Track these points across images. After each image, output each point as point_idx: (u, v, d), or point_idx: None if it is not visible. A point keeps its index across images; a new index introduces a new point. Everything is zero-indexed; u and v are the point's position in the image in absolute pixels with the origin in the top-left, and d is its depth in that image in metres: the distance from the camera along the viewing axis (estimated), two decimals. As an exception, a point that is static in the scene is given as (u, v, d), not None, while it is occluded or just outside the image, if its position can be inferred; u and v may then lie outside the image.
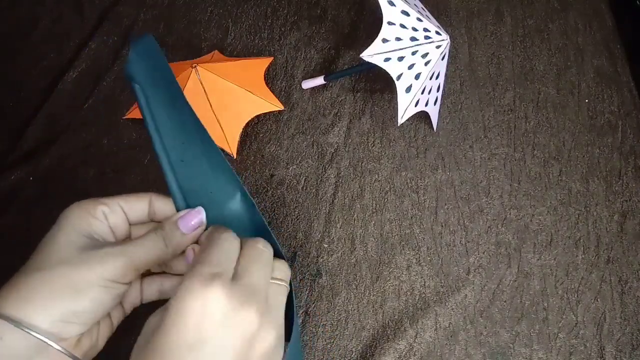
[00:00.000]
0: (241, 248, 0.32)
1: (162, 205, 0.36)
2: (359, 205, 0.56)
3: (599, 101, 0.63)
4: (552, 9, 0.71)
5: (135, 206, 0.35)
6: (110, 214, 0.34)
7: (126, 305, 0.37)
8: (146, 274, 0.38)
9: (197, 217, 0.34)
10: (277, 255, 0.35)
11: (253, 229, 0.36)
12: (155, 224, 0.36)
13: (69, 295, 0.29)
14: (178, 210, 0.36)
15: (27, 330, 0.28)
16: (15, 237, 0.53)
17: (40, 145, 0.59)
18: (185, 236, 0.34)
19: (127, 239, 0.36)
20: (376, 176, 0.58)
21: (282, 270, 0.34)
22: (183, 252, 0.36)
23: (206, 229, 0.36)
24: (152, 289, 0.37)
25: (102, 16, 0.69)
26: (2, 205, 0.55)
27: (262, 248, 0.33)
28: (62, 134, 0.60)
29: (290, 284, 0.34)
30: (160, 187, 0.55)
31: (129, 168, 0.58)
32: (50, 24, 0.69)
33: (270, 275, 0.32)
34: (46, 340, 0.28)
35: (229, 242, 0.32)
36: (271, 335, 0.29)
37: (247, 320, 0.28)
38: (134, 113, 0.60)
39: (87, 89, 0.63)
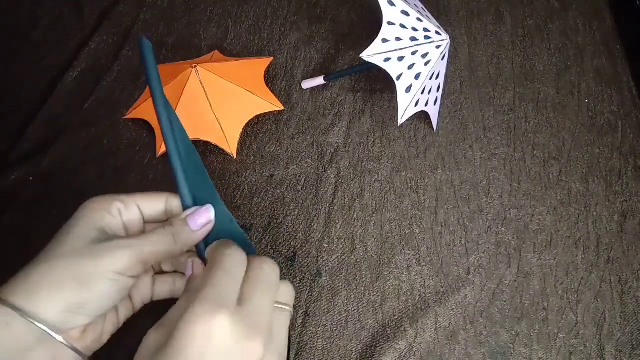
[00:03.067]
0: (247, 265, 0.32)
1: (178, 204, 0.37)
2: (359, 205, 0.56)
3: (599, 101, 0.63)
4: (552, 9, 0.71)
5: (151, 204, 0.36)
6: (125, 210, 0.35)
7: (135, 302, 0.37)
8: (159, 272, 0.38)
9: (206, 214, 0.35)
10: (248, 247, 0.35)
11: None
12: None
13: (75, 286, 0.30)
14: (185, 208, 0.36)
15: (30, 320, 0.28)
16: (15, 237, 0.53)
17: (40, 145, 0.59)
18: (194, 233, 0.34)
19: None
20: (376, 176, 0.58)
21: (287, 293, 0.34)
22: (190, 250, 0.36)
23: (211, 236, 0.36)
24: (163, 288, 0.38)
25: (102, 16, 0.69)
26: (2, 205, 0.55)
27: (268, 270, 0.32)
28: (62, 134, 0.60)
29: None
30: (160, 187, 0.55)
31: (129, 168, 0.58)
32: (50, 24, 0.69)
33: (275, 300, 0.32)
34: (49, 331, 0.29)
35: (235, 262, 0.31)
36: None
37: (251, 352, 0.28)
38: (134, 113, 0.60)
39: (87, 89, 0.63)
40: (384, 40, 0.52)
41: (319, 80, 0.62)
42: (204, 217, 0.35)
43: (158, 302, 0.39)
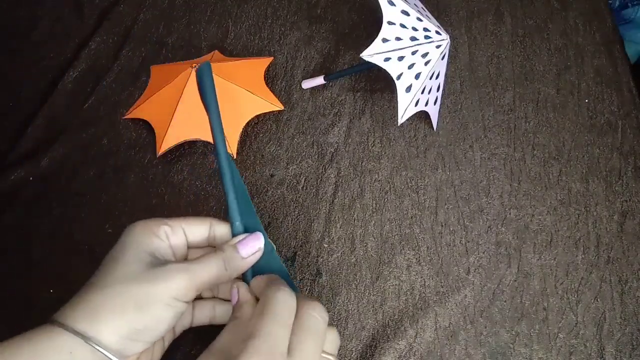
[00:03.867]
0: (297, 310, 0.32)
1: (222, 230, 0.37)
2: (359, 205, 0.56)
3: (598, 101, 0.63)
4: (552, 9, 0.71)
5: (196, 229, 0.36)
6: (172, 234, 0.35)
7: (177, 327, 0.37)
8: (198, 297, 0.38)
9: (256, 242, 0.35)
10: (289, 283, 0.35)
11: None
12: (212, 248, 0.37)
13: (134, 312, 0.30)
14: (234, 234, 0.36)
15: (96, 346, 0.28)
16: (15, 237, 0.53)
17: (40, 145, 0.59)
18: (243, 260, 0.34)
19: (186, 260, 0.36)
20: (376, 176, 0.58)
21: (333, 342, 0.34)
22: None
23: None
24: (203, 314, 0.38)
25: (102, 16, 0.69)
26: (2, 205, 0.55)
27: (318, 317, 0.32)
28: (62, 134, 0.60)
29: None
30: (160, 187, 0.55)
31: (129, 168, 0.58)
32: (50, 24, 0.69)
33: (322, 349, 0.32)
34: (112, 358, 0.29)
35: (286, 309, 0.31)
36: None
37: None
38: (134, 113, 0.60)
39: (87, 89, 0.63)
40: (384, 40, 0.52)
41: (319, 80, 0.62)
42: (254, 245, 0.35)
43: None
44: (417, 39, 0.52)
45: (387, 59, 0.52)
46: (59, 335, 0.28)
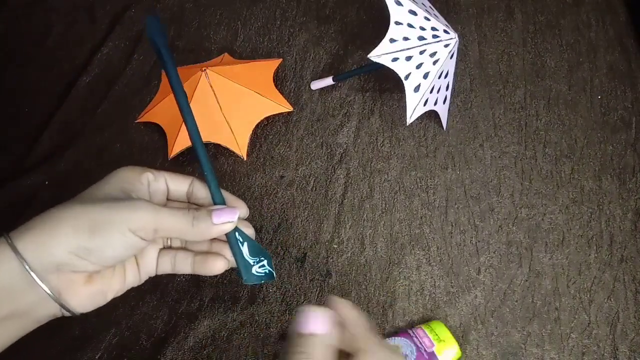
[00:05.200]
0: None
1: (201, 191, 0.39)
2: (368, 206, 0.56)
3: (612, 97, 0.62)
4: (563, 4, 0.70)
5: (178, 183, 0.39)
6: (154, 182, 0.37)
7: (142, 273, 0.38)
8: (164, 247, 0.40)
9: (231, 215, 0.36)
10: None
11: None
12: (190, 205, 0.40)
13: (86, 231, 0.31)
14: (215, 203, 0.38)
15: (21, 261, 0.30)
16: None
17: (55, 149, 0.60)
18: (213, 226, 0.36)
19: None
20: (385, 176, 0.58)
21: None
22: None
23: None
24: (165, 262, 0.39)
25: (113, 21, 0.70)
26: (19, 209, 0.56)
27: None
28: (76, 138, 0.61)
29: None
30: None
31: (142, 171, 0.59)
32: (64, 30, 0.70)
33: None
34: (34, 277, 0.30)
35: None
36: None
37: None
38: (146, 117, 0.61)
39: (100, 94, 0.64)
40: (392, 40, 0.52)
41: (328, 81, 0.62)
42: (227, 217, 0.36)
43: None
44: (425, 39, 0.52)
45: (395, 59, 0.52)
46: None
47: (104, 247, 0.32)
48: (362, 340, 0.31)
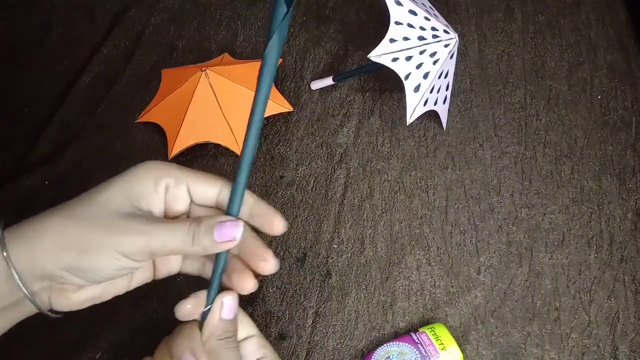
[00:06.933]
0: None
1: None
2: (368, 206, 0.56)
3: (612, 97, 0.62)
4: (563, 4, 0.70)
5: (203, 189, 0.34)
6: (173, 188, 0.33)
7: (160, 271, 0.36)
8: None
9: (235, 230, 0.32)
10: None
11: None
12: (218, 211, 0.35)
13: (76, 253, 0.30)
14: (228, 212, 0.33)
15: (11, 267, 0.29)
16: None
17: (55, 149, 0.60)
18: (215, 244, 0.32)
19: (176, 217, 0.35)
20: (385, 176, 0.58)
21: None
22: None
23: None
24: (194, 266, 0.36)
25: (113, 21, 0.70)
26: (19, 209, 0.56)
27: None
28: (76, 138, 0.61)
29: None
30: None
31: (141, 171, 0.59)
32: (63, 30, 0.70)
33: None
34: (19, 283, 0.29)
35: None
36: None
37: None
38: (146, 117, 0.61)
39: (100, 94, 0.64)
40: (392, 40, 0.52)
41: (328, 81, 0.62)
42: (231, 233, 0.32)
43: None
44: (425, 39, 0.52)
45: (395, 59, 0.52)
46: None
47: (94, 269, 0.30)
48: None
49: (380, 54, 0.51)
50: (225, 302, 0.33)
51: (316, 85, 0.64)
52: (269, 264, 0.33)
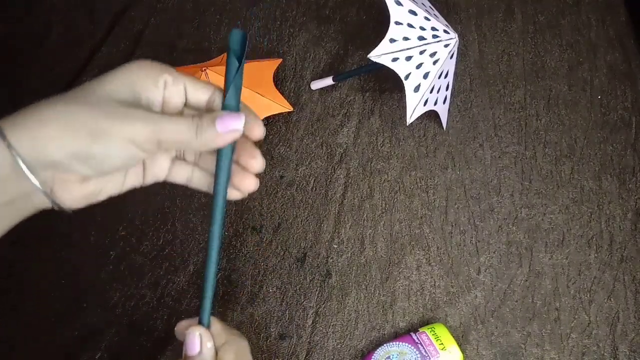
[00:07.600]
0: None
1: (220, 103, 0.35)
2: (368, 206, 0.56)
3: (612, 97, 0.62)
4: (563, 4, 0.70)
5: (197, 90, 0.35)
6: (171, 85, 0.34)
7: (147, 175, 0.36)
8: (180, 157, 0.37)
9: (237, 121, 0.33)
10: None
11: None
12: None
13: (87, 137, 0.30)
14: (223, 108, 0.34)
15: (15, 156, 0.28)
16: (33, 239, 0.54)
17: (55, 149, 0.60)
18: (218, 135, 0.33)
19: (164, 113, 0.35)
20: (385, 176, 0.58)
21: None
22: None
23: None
24: (180, 173, 0.37)
25: (113, 21, 0.70)
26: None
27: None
28: (76, 138, 0.61)
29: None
30: (172, 190, 0.55)
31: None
32: (63, 30, 0.70)
33: None
34: (24, 168, 0.29)
35: None
36: None
37: None
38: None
39: (100, 94, 0.64)
40: (392, 40, 0.52)
41: (328, 81, 0.62)
42: (233, 124, 0.33)
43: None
44: (425, 39, 0.52)
45: (395, 59, 0.52)
46: None
47: (104, 156, 0.30)
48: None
49: (380, 54, 0.51)
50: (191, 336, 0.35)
51: (316, 85, 0.64)
52: (257, 161, 0.34)
